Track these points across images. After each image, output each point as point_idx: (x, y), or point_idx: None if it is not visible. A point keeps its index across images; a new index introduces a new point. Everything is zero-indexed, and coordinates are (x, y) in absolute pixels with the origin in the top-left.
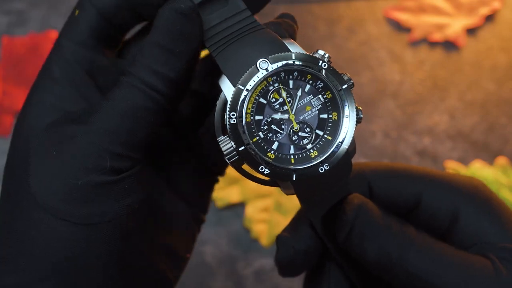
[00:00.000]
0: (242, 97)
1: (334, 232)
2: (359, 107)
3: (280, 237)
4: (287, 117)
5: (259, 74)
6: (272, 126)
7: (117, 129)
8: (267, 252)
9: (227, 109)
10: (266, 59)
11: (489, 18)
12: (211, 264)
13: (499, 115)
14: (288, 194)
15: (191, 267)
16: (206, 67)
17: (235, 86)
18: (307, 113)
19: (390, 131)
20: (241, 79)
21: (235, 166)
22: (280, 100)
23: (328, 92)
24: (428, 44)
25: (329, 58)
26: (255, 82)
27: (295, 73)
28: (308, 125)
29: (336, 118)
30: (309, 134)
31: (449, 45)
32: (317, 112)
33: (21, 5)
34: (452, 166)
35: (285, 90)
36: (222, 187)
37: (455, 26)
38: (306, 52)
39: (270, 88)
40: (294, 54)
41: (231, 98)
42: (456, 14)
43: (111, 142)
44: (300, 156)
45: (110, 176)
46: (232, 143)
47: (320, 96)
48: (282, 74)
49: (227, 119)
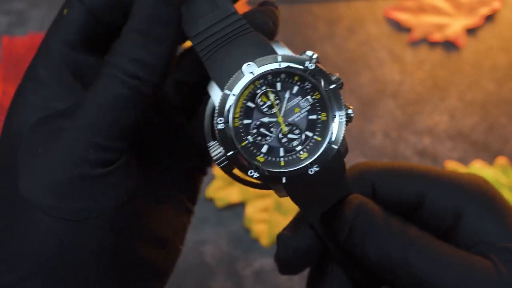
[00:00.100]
0: (229, 102)
1: (334, 232)
2: (350, 106)
3: (280, 235)
4: (275, 119)
5: (245, 79)
6: (261, 130)
7: (100, 122)
8: (267, 252)
9: (215, 115)
10: (251, 63)
11: (489, 18)
12: (211, 264)
13: (499, 115)
14: (281, 197)
15: (191, 267)
16: (193, 57)
17: (222, 91)
18: (296, 115)
19: (390, 131)
20: (227, 84)
21: (225, 171)
22: (268, 103)
23: (317, 93)
24: (428, 44)
25: (317, 58)
26: (242, 86)
27: (282, 75)
28: (298, 127)
29: (325, 118)
30: (298, 136)
31: (449, 45)
32: (306, 113)
33: (21, 5)
34: (452, 166)
35: (273, 92)
36: (222, 187)
37: (455, 26)
38: (293, 54)
39: (258, 91)
40: (280, 57)
41: (219, 103)
42: (456, 14)
43: (95, 135)
44: (290, 158)
45: (97, 169)
46: (221, 148)
47: (308, 97)
48: (269, 77)
49: (215, 125)
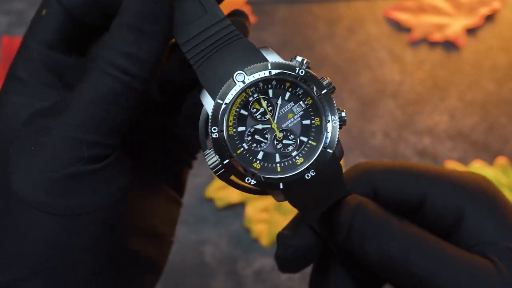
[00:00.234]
0: (222, 111)
1: (334, 232)
2: (342, 109)
3: (280, 234)
4: (269, 126)
5: (236, 87)
6: (256, 136)
7: (91, 118)
8: (267, 252)
9: (209, 124)
10: (242, 71)
11: (489, 18)
12: (211, 264)
13: (499, 115)
14: (279, 201)
15: (191, 267)
16: (177, 55)
17: (214, 100)
18: (289, 121)
19: (390, 131)
20: (219, 93)
21: (222, 178)
22: (261, 110)
23: (309, 98)
24: (428, 44)
25: (307, 64)
26: (233, 95)
27: (274, 82)
28: (292, 132)
29: (319, 123)
30: (293, 141)
31: (449, 45)
32: (299, 118)
33: (21, 5)
34: (452, 166)
35: (265, 99)
36: (222, 187)
37: (455, 26)
38: (283, 60)
39: (250, 99)
40: (270, 64)
41: (212, 113)
42: (456, 14)
43: (86, 132)
44: (286, 164)
45: (89, 166)
46: (217, 157)
47: (301, 102)
48: (261, 85)
49: (210, 134)
